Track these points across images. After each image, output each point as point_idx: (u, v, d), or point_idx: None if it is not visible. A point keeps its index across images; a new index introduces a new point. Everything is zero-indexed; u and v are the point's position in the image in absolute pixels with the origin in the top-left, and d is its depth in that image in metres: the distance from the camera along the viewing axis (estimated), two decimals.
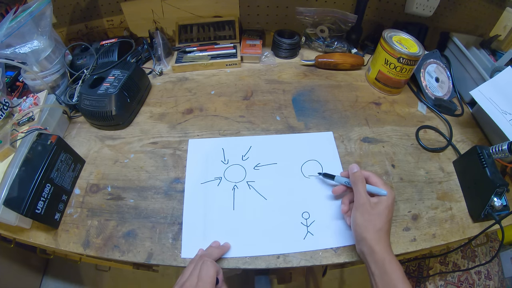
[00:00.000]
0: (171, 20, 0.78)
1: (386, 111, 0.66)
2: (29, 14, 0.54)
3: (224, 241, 0.46)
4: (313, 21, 0.77)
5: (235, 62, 0.75)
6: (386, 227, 0.40)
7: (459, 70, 0.71)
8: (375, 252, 0.38)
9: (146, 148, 0.58)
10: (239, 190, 0.52)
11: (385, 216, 0.41)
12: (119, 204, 0.51)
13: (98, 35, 0.81)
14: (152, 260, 0.45)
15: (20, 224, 0.46)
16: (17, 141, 0.49)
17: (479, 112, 0.65)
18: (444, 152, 0.60)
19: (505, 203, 0.47)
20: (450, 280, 1.14)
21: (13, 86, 0.66)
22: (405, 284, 0.36)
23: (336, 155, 0.57)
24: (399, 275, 0.36)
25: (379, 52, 0.67)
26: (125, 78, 0.60)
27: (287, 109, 0.65)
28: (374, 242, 0.39)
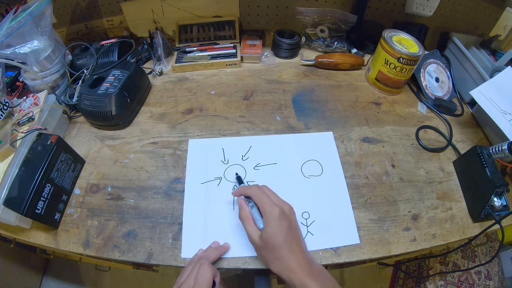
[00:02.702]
0: (171, 20, 0.78)
1: (386, 111, 0.66)
2: (29, 14, 0.54)
3: (224, 241, 0.46)
4: (313, 21, 0.77)
5: (235, 62, 0.75)
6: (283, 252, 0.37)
7: (459, 70, 0.71)
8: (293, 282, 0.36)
9: (146, 148, 0.58)
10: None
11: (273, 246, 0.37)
12: (119, 204, 0.51)
13: (98, 35, 0.81)
14: (152, 260, 0.45)
15: (20, 224, 0.46)
16: (17, 141, 0.49)
17: (479, 112, 0.65)
18: (444, 152, 0.60)
19: (505, 203, 0.47)
20: (450, 280, 1.14)
21: (13, 86, 0.66)
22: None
23: (336, 155, 0.57)
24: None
25: (379, 52, 0.67)
26: (125, 78, 0.60)
27: (287, 109, 0.66)
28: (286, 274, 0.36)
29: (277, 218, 0.38)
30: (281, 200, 0.42)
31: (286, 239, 0.37)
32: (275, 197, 0.42)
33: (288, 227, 0.38)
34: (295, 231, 0.39)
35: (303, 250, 0.38)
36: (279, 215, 0.38)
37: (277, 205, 0.39)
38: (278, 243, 0.37)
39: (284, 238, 0.37)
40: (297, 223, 0.41)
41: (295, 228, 0.39)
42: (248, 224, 0.41)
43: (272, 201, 0.40)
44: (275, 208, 0.39)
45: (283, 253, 0.37)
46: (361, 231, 0.48)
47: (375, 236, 0.48)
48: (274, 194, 0.42)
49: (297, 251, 0.38)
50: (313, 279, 0.35)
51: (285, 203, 0.41)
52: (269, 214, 0.39)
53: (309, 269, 0.36)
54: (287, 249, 0.37)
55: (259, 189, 0.42)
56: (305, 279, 0.35)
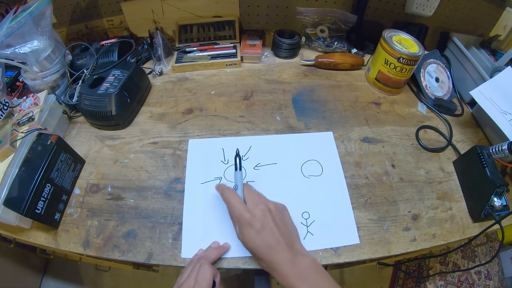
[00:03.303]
0: (171, 20, 0.78)
1: (386, 111, 0.66)
2: (29, 14, 0.54)
3: (224, 241, 0.46)
4: (313, 21, 0.77)
5: (235, 62, 0.75)
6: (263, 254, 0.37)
7: (459, 70, 0.71)
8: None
9: (146, 148, 0.58)
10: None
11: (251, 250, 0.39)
12: (119, 204, 0.51)
13: (98, 35, 0.81)
14: (152, 260, 0.45)
15: (20, 224, 0.46)
16: (17, 141, 0.49)
17: (479, 112, 0.65)
18: (444, 152, 0.60)
19: (505, 203, 0.47)
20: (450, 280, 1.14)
21: (13, 86, 0.66)
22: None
23: (336, 155, 0.57)
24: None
25: (379, 52, 0.67)
26: (125, 78, 0.60)
27: (287, 109, 0.65)
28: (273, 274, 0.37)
29: (245, 226, 0.38)
30: (256, 202, 0.41)
31: (259, 244, 0.38)
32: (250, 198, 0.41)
33: (261, 230, 0.38)
34: (271, 231, 0.38)
35: (286, 246, 0.38)
36: (249, 220, 0.38)
37: (247, 211, 0.39)
38: (252, 248, 0.38)
39: (257, 243, 0.38)
40: (278, 220, 0.40)
41: (271, 227, 0.38)
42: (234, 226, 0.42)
43: (242, 208, 0.40)
44: (244, 213, 0.39)
45: (261, 255, 0.38)
46: (361, 231, 0.48)
47: (375, 236, 0.48)
48: (250, 192, 0.42)
49: (278, 249, 0.37)
50: (299, 279, 0.35)
51: (260, 205, 0.40)
52: (239, 221, 0.39)
53: (292, 267, 0.36)
54: (264, 251, 0.37)
55: (230, 194, 0.41)
56: (291, 280, 0.35)
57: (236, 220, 0.40)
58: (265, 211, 0.40)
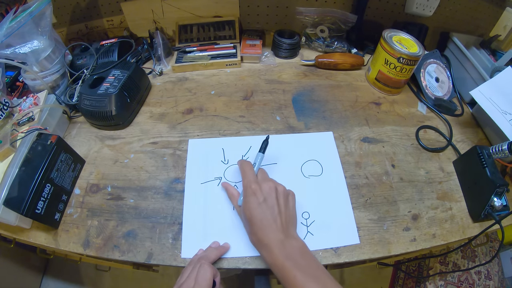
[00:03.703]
0: (171, 20, 0.78)
1: (386, 111, 0.66)
2: (29, 14, 0.54)
3: (224, 241, 0.46)
4: (313, 21, 0.77)
5: (235, 62, 0.75)
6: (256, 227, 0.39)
7: (459, 70, 0.71)
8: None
9: (146, 148, 0.58)
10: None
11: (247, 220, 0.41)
12: (119, 204, 0.51)
13: (98, 35, 0.81)
14: (152, 260, 0.45)
15: (20, 224, 0.46)
16: (17, 141, 0.49)
17: (479, 112, 0.65)
18: (444, 152, 0.60)
19: (505, 203, 0.47)
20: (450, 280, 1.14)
21: (13, 86, 0.66)
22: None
23: (336, 155, 0.57)
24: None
25: (379, 52, 0.67)
26: (125, 78, 0.60)
27: (287, 109, 0.65)
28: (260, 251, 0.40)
29: (250, 194, 0.41)
30: (266, 179, 0.44)
31: (257, 215, 0.39)
32: (261, 175, 0.45)
33: (263, 202, 0.40)
34: (272, 208, 0.40)
35: (280, 227, 0.39)
36: (255, 190, 0.41)
37: (255, 182, 0.42)
38: (250, 217, 0.40)
39: (256, 213, 0.39)
40: (281, 201, 0.41)
41: (272, 205, 0.40)
42: (232, 199, 0.48)
43: (252, 179, 0.43)
44: (252, 184, 0.42)
45: (256, 228, 0.39)
46: (361, 231, 0.48)
47: (375, 236, 0.48)
48: (264, 173, 0.46)
49: (271, 227, 0.38)
50: (288, 259, 0.36)
51: (269, 182, 0.43)
52: (245, 189, 0.42)
53: (282, 248, 0.37)
54: (259, 224, 0.39)
55: (247, 167, 0.45)
56: (279, 258, 0.36)
57: (244, 187, 0.43)
58: (272, 188, 0.42)
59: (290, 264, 0.35)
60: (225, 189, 0.51)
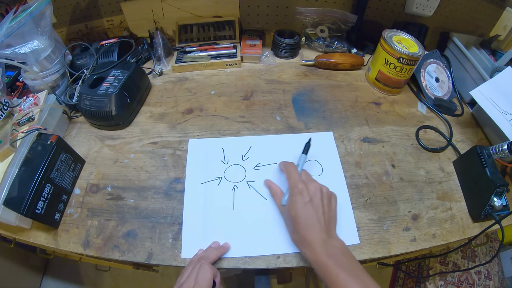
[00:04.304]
0: (171, 20, 0.78)
1: (386, 111, 0.66)
2: (29, 14, 0.54)
3: (224, 241, 0.46)
4: (313, 21, 0.77)
5: (235, 62, 0.75)
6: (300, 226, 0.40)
7: (459, 70, 0.71)
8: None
9: (146, 148, 0.58)
10: (239, 190, 0.52)
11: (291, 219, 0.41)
12: (119, 204, 0.51)
13: (98, 35, 0.81)
14: (152, 260, 0.45)
15: (20, 224, 0.46)
16: (17, 141, 0.49)
17: (479, 112, 0.65)
18: (444, 152, 0.60)
19: (505, 203, 0.47)
20: (450, 280, 1.14)
21: (13, 86, 0.66)
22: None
23: (336, 155, 0.57)
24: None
25: (379, 52, 0.67)
26: (125, 78, 0.60)
27: (287, 109, 0.65)
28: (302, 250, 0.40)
29: (297, 193, 0.42)
30: (311, 180, 0.45)
31: (303, 214, 0.40)
32: (306, 177, 0.45)
33: (309, 202, 0.41)
34: (316, 208, 0.41)
35: (323, 227, 0.39)
36: (301, 190, 0.42)
37: (302, 182, 0.43)
38: (295, 216, 0.41)
39: (301, 212, 0.40)
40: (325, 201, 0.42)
41: (317, 205, 0.41)
42: (275, 198, 0.48)
43: (298, 178, 0.44)
44: (299, 183, 0.42)
45: (300, 227, 0.40)
46: (361, 231, 0.48)
47: (375, 236, 0.48)
48: (308, 175, 0.47)
49: (315, 227, 0.39)
50: (330, 258, 0.36)
51: (314, 183, 0.44)
52: (292, 188, 0.43)
53: (325, 247, 0.37)
54: (303, 223, 0.40)
55: (292, 167, 0.46)
56: (322, 257, 0.37)
57: (290, 186, 0.43)
58: (317, 189, 0.43)
59: (333, 263, 0.36)
60: (268, 186, 0.51)
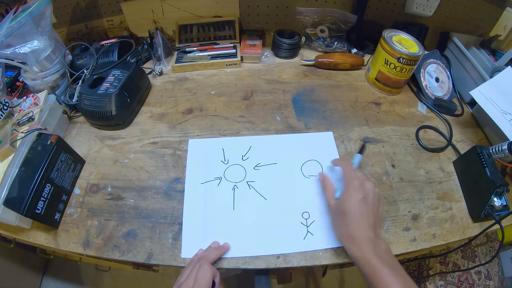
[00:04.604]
0: (171, 20, 0.78)
1: (386, 111, 0.66)
2: (29, 14, 0.54)
3: (224, 241, 0.46)
4: (313, 21, 0.77)
5: (235, 62, 0.75)
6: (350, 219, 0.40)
7: (459, 70, 0.71)
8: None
9: (146, 148, 0.58)
10: (239, 190, 0.52)
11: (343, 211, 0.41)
12: (119, 204, 0.51)
13: (98, 35, 0.81)
14: (152, 260, 0.45)
15: (20, 224, 0.46)
16: (17, 141, 0.49)
17: (479, 112, 0.65)
18: (444, 152, 0.60)
19: (505, 203, 0.47)
20: (450, 280, 1.14)
21: (13, 86, 0.66)
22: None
23: (336, 155, 0.57)
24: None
25: (379, 52, 0.67)
26: (125, 78, 0.60)
27: (287, 109, 0.65)
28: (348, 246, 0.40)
29: (354, 188, 0.42)
30: (366, 179, 0.45)
31: (356, 209, 0.40)
32: (360, 174, 0.46)
33: (363, 199, 0.41)
34: (368, 206, 0.41)
35: (372, 226, 0.40)
36: (358, 186, 0.42)
37: (359, 179, 0.43)
38: (348, 209, 0.41)
39: (355, 207, 0.40)
40: (374, 199, 0.42)
41: (370, 203, 0.41)
42: (327, 192, 0.48)
43: (355, 174, 0.44)
44: (355, 180, 0.43)
45: (350, 222, 0.40)
46: None
47: None
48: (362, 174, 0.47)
49: (365, 224, 0.39)
50: (376, 256, 0.36)
51: (369, 182, 0.44)
52: (348, 183, 0.43)
53: (372, 245, 0.37)
54: (355, 218, 0.40)
55: (349, 164, 0.47)
56: (368, 254, 0.37)
57: (347, 181, 0.44)
58: (371, 188, 0.43)
59: (380, 261, 0.36)
60: (321, 180, 0.51)
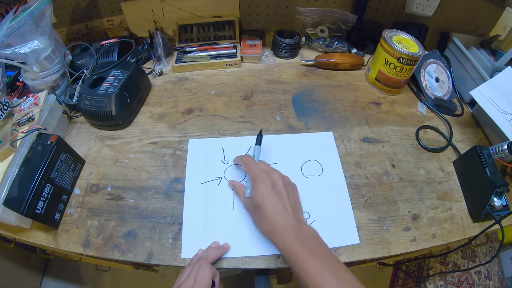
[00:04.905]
0: (171, 20, 0.78)
1: (386, 111, 0.66)
2: (29, 14, 0.54)
3: (224, 241, 0.46)
4: (313, 21, 0.77)
5: (235, 62, 0.75)
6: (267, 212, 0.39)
7: (459, 70, 0.71)
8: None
9: (146, 148, 0.58)
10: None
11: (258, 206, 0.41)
12: (119, 204, 0.51)
13: (98, 35, 0.81)
14: (152, 260, 0.45)
15: (20, 224, 0.46)
16: (17, 141, 0.50)
17: (479, 112, 0.65)
18: (444, 152, 0.60)
19: (505, 203, 0.47)
20: (450, 280, 1.14)
21: (13, 86, 0.66)
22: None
23: (336, 155, 0.57)
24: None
25: (379, 52, 0.67)
26: (125, 78, 0.60)
27: (287, 109, 0.65)
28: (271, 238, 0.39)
29: (259, 181, 0.42)
30: (271, 169, 0.45)
31: (268, 200, 0.40)
32: (265, 166, 0.46)
33: (272, 189, 0.41)
34: (281, 194, 0.41)
35: (290, 213, 0.39)
36: (263, 177, 0.42)
37: (262, 171, 0.43)
38: (261, 203, 0.40)
39: (266, 198, 0.40)
40: (286, 186, 0.42)
41: (281, 191, 0.41)
42: (238, 193, 0.48)
43: (258, 167, 0.44)
44: (260, 172, 0.43)
45: (267, 213, 0.39)
46: (361, 231, 0.48)
47: (375, 236, 0.48)
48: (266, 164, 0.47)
49: (281, 213, 0.39)
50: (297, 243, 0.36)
51: (275, 171, 0.44)
52: (254, 178, 0.43)
53: (293, 232, 0.37)
54: (269, 210, 0.39)
55: (249, 159, 0.47)
56: (288, 243, 0.36)
57: (252, 176, 0.43)
58: (279, 176, 0.43)
59: (305, 250, 0.35)
60: (232, 186, 0.51)
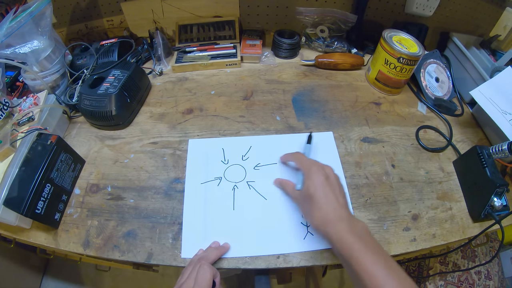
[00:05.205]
0: (171, 20, 0.78)
1: (386, 111, 0.66)
2: (29, 14, 0.54)
3: (224, 241, 0.46)
4: (313, 21, 0.77)
5: (235, 62, 0.75)
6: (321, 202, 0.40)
7: (459, 70, 0.71)
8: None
9: (146, 148, 0.58)
10: (239, 190, 0.52)
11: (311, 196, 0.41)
12: (119, 204, 0.51)
13: (98, 35, 0.81)
14: (152, 260, 0.45)
15: (20, 224, 0.46)
16: (17, 141, 0.50)
17: (479, 112, 0.65)
18: (444, 152, 0.60)
19: (505, 203, 0.47)
20: (450, 280, 1.14)
21: (13, 86, 0.66)
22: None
23: (336, 155, 0.57)
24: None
25: (379, 52, 0.67)
26: (125, 78, 0.60)
27: (287, 109, 0.65)
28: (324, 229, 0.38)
29: (313, 172, 0.43)
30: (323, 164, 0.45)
31: (322, 190, 0.40)
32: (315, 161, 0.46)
33: (326, 180, 0.41)
34: (334, 186, 0.41)
35: (343, 205, 0.39)
36: (317, 169, 0.43)
37: (316, 164, 0.44)
38: (314, 192, 0.40)
39: (320, 188, 0.41)
40: (337, 181, 0.43)
41: (334, 183, 0.42)
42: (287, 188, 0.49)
43: (311, 161, 0.46)
44: (313, 165, 0.44)
45: (320, 203, 0.40)
46: None
47: (375, 236, 0.48)
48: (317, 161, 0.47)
49: (335, 204, 0.39)
50: (352, 234, 0.35)
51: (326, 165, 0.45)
52: (307, 170, 0.44)
53: (347, 223, 0.37)
54: (323, 199, 0.40)
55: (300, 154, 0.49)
56: (343, 233, 0.36)
57: (305, 168, 0.44)
58: (331, 170, 0.44)
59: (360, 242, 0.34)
60: (278, 183, 0.52)
